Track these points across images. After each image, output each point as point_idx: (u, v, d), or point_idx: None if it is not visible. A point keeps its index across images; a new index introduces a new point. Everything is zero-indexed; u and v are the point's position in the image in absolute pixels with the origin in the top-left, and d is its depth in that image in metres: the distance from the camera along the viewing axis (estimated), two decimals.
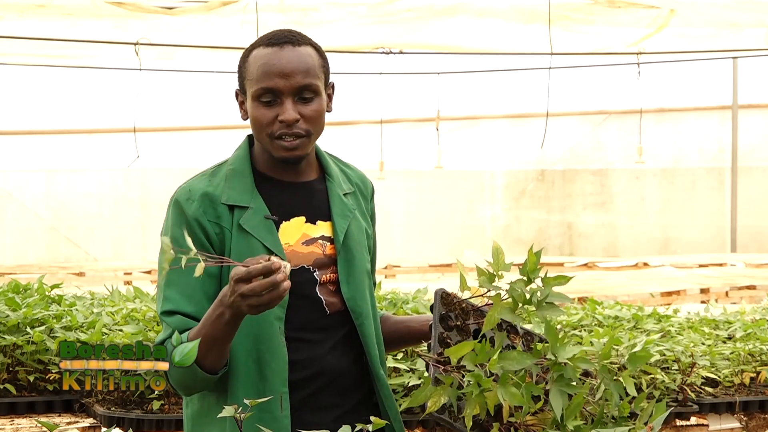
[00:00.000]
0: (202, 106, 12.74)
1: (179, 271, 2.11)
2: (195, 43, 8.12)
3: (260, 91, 2.19)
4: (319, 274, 2.25)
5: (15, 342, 3.51)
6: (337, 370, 2.25)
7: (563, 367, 2.08)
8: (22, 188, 12.62)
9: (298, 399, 2.21)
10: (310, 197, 2.28)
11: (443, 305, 2.26)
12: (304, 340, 2.23)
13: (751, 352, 3.93)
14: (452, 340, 2.20)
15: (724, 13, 7.90)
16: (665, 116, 13.33)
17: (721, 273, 8.92)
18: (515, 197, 13.89)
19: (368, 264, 2.34)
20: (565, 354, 2.08)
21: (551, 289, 2.15)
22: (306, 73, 2.20)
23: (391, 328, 2.40)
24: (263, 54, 2.22)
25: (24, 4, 7.33)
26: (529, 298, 2.14)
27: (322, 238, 2.27)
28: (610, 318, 4.24)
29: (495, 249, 2.18)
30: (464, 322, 2.26)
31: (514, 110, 13.61)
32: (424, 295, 4.39)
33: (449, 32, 8.22)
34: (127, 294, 4.23)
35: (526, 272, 2.14)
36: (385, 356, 2.35)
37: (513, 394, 2.02)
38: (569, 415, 2.05)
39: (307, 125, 2.21)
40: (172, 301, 2.18)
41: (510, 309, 2.14)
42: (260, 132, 2.22)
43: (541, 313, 2.14)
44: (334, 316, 2.26)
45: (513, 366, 2.06)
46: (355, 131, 11.89)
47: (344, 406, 2.25)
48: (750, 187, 13.23)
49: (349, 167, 2.41)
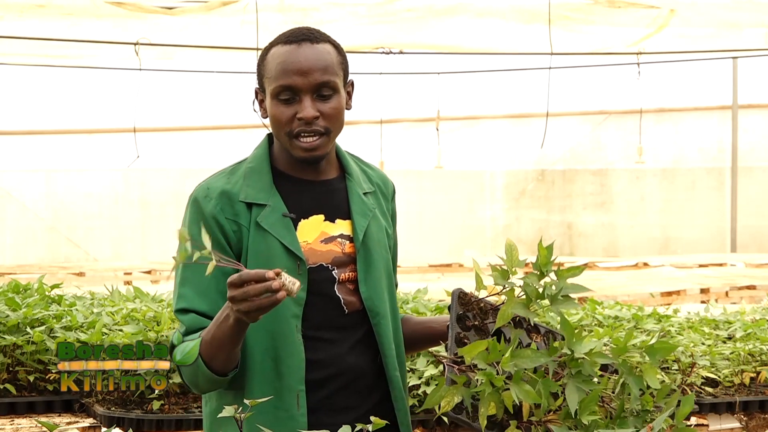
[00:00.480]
0: (202, 106, 12.74)
1: (194, 270, 2.14)
2: (195, 43, 8.11)
3: (279, 88, 2.18)
4: (338, 272, 2.24)
5: (15, 342, 3.51)
6: (356, 371, 2.24)
7: (580, 362, 2.04)
8: (22, 188, 12.62)
9: (315, 400, 2.19)
10: (329, 196, 2.27)
11: (461, 305, 2.24)
12: (323, 340, 2.21)
13: (751, 352, 3.93)
14: (470, 340, 2.17)
15: (724, 13, 7.90)
16: (665, 116, 13.33)
17: (721, 273, 8.91)
18: (515, 197, 13.89)
19: (388, 264, 2.32)
20: (581, 348, 2.04)
21: (566, 282, 2.11)
22: (324, 70, 2.19)
23: (412, 329, 2.38)
24: (281, 52, 2.21)
25: (24, 4, 7.32)
26: (543, 293, 2.10)
27: (341, 237, 2.26)
28: (610, 318, 4.24)
29: (508, 245, 2.15)
30: (482, 322, 2.24)
31: (514, 110, 13.61)
32: (424, 295, 4.39)
33: (449, 32, 8.22)
34: (127, 294, 4.23)
35: (539, 266, 2.11)
36: (404, 357, 2.33)
37: (527, 392, 1.99)
38: (584, 410, 2.01)
39: (326, 123, 2.19)
40: (187, 299, 2.17)
41: (524, 304, 2.11)
42: (279, 130, 2.20)
43: (556, 307, 2.11)
44: (352, 316, 2.24)
45: (527, 364, 2.02)
46: (355, 131, 11.89)
47: (361, 408, 2.23)
48: (750, 187, 13.23)
49: (370, 167, 2.40)
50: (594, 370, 2.05)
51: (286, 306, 2.17)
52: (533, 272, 2.12)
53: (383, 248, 2.30)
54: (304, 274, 2.19)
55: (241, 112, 10.77)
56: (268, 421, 2.13)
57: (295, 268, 2.18)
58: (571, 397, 2.01)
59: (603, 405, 2.10)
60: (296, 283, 1.97)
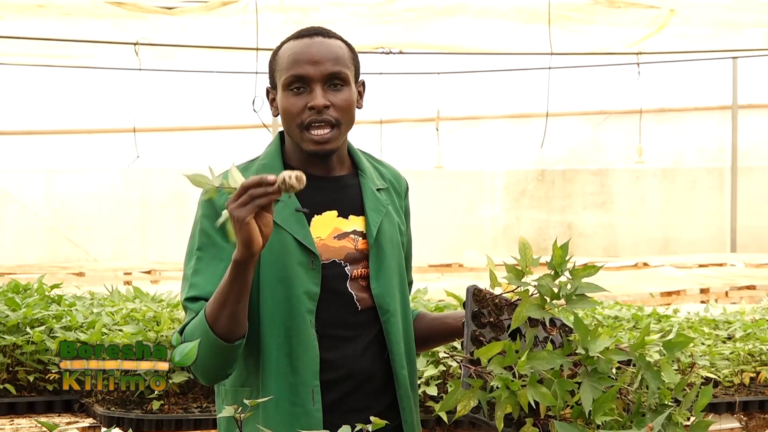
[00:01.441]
0: (202, 106, 12.74)
1: (207, 261, 2.15)
2: (195, 43, 8.12)
3: (290, 78, 2.19)
4: (351, 268, 2.23)
5: (15, 342, 3.50)
6: (369, 371, 2.23)
7: (596, 360, 2.02)
8: (22, 188, 12.62)
9: (327, 401, 2.19)
10: (342, 192, 2.27)
11: (475, 302, 2.22)
12: (336, 338, 2.21)
13: (751, 352, 3.93)
14: (485, 338, 2.16)
15: (724, 13, 7.90)
16: (665, 116, 13.33)
17: (721, 273, 8.91)
18: (515, 197, 13.89)
19: (401, 261, 2.31)
20: (596, 347, 2.02)
21: (581, 281, 2.09)
22: (335, 60, 2.20)
23: (428, 325, 2.38)
24: (294, 45, 2.23)
25: (24, 4, 7.33)
26: (558, 292, 2.09)
27: (354, 233, 2.25)
28: (610, 318, 4.23)
29: (522, 244, 2.14)
30: (498, 318, 2.22)
31: (514, 110, 13.61)
32: (424, 295, 4.39)
33: (449, 32, 8.22)
34: (127, 294, 4.23)
35: (554, 266, 2.09)
36: (414, 356, 2.31)
37: (544, 394, 1.98)
38: (598, 410, 1.99)
39: (337, 114, 2.20)
40: (198, 288, 2.16)
41: (538, 305, 2.09)
42: (290, 123, 2.21)
43: (572, 306, 2.08)
44: (365, 313, 2.24)
45: (543, 366, 2.01)
46: (355, 131, 11.87)
47: (373, 409, 2.22)
48: (750, 187, 13.23)
49: (383, 164, 2.40)
50: (609, 368, 2.03)
51: (300, 301, 2.17)
52: (548, 272, 2.10)
53: (396, 245, 2.30)
54: (317, 269, 2.19)
55: (241, 112, 10.77)
56: (284, 417, 2.14)
57: (308, 263, 2.18)
58: (586, 397, 2.00)
59: (621, 397, 2.08)
60: (293, 176, 1.93)
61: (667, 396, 2.08)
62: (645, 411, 2.04)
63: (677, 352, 2.14)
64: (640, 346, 2.08)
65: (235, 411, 1.77)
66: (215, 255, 2.17)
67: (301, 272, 2.17)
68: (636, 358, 2.07)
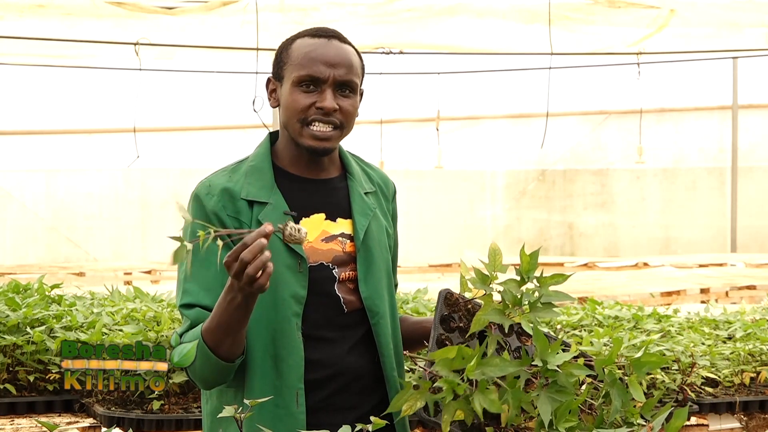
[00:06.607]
0: (202, 106, 12.74)
1: (199, 266, 2.15)
2: (195, 43, 8.11)
3: (304, 77, 2.20)
4: (338, 271, 2.24)
5: (15, 342, 3.51)
6: (356, 371, 2.24)
7: (556, 372, 1.98)
8: (22, 188, 12.62)
9: (315, 400, 2.20)
10: (330, 194, 2.28)
11: (447, 306, 2.22)
12: (323, 339, 2.21)
13: (751, 352, 3.93)
14: (452, 342, 2.15)
15: (724, 13, 7.90)
16: (665, 116, 13.34)
17: (721, 273, 8.91)
18: (516, 197, 13.89)
19: (388, 263, 2.33)
20: (555, 360, 1.97)
21: (548, 289, 2.06)
22: (350, 69, 2.22)
23: (409, 329, 2.38)
24: (310, 42, 2.23)
25: (24, 4, 7.32)
26: (521, 299, 2.05)
27: (342, 236, 2.26)
28: (610, 318, 4.24)
29: (492, 249, 2.13)
30: (468, 323, 2.20)
31: (514, 110, 13.61)
32: (424, 295, 4.39)
33: (449, 32, 8.21)
34: (127, 294, 4.23)
35: (521, 272, 2.06)
36: (403, 358, 2.33)
37: (492, 401, 1.94)
38: (560, 419, 1.95)
39: (342, 117, 2.22)
40: (192, 294, 2.17)
41: (500, 310, 2.06)
42: (292, 116, 2.22)
43: (535, 314, 2.04)
44: (352, 315, 2.24)
45: (494, 372, 1.96)
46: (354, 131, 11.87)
47: (361, 409, 2.23)
48: (750, 187, 13.23)
49: (371, 167, 2.41)
50: (569, 381, 1.99)
51: (286, 304, 2.17)
52: (513, 278, 2.07)
53: (383, 248, 2.31)
54: (305, 272, 2.20)
55: (241, 112, 10.78)
56: (268, 419, 2.14)
57: (296, 266, 2.19)
58: (544, 408, 1.96)
59: (590, 412, 2.05)
60: (301, 230, 1.95)
61: (635, 414, 2.03)
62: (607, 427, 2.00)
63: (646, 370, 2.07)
64: (608, 362, 2.04)
65: (235, 411, 1.77)
66: (205, 258, 2.16)
67: (288, 275, 2.18)
68: (602, 373, 2.03)
